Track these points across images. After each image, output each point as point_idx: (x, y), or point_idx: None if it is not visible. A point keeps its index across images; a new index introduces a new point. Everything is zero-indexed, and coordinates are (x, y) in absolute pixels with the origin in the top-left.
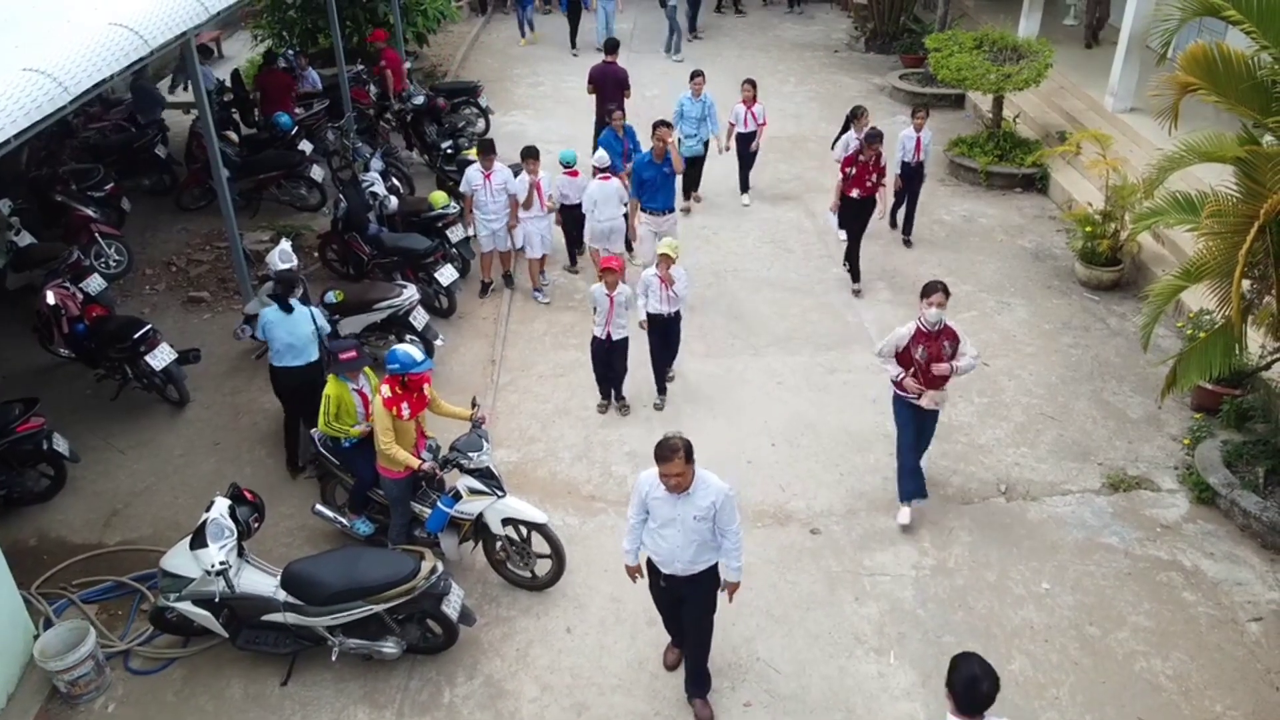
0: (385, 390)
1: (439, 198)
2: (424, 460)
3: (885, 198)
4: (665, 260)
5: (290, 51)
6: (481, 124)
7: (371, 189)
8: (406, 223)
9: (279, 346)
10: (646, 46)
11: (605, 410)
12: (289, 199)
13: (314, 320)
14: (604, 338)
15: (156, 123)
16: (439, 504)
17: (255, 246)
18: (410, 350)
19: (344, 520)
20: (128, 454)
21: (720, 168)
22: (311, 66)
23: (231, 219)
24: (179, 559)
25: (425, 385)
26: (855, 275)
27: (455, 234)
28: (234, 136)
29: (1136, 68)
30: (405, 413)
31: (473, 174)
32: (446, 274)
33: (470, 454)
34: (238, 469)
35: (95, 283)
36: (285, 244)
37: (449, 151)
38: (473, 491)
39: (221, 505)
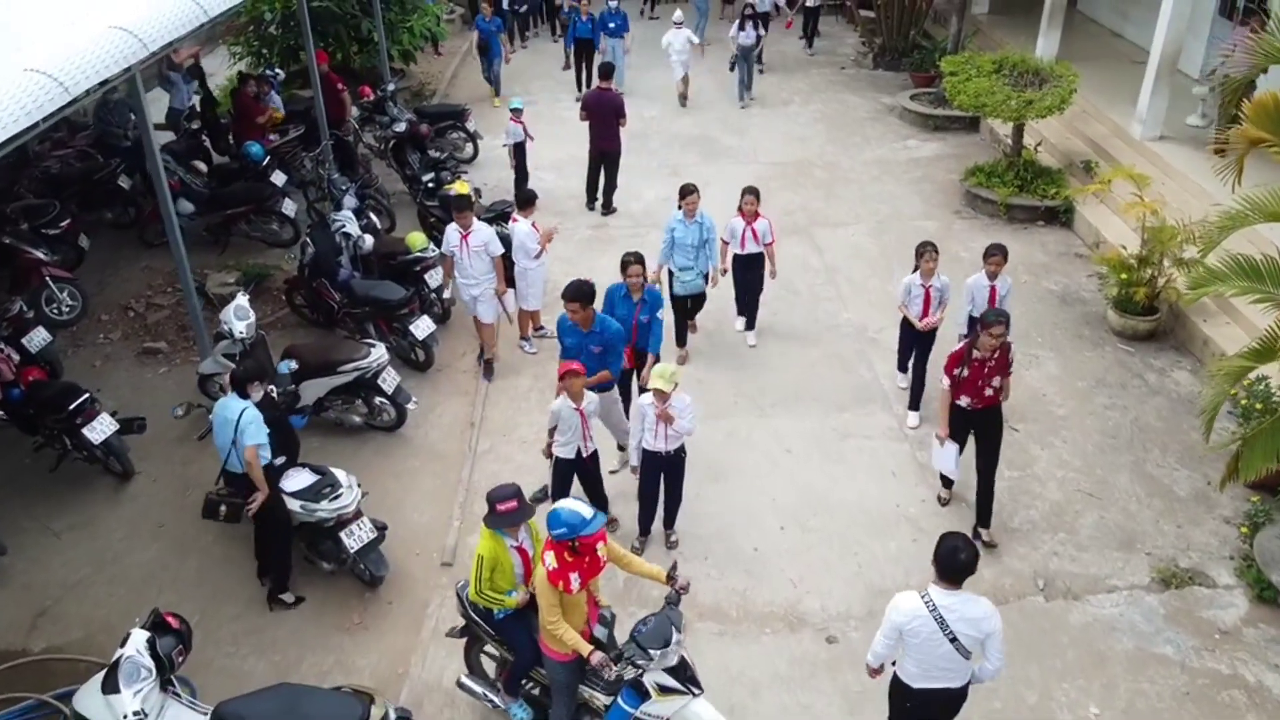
0: (550, 560)
1: (417, 240)
2: (594, 648)
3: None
4: (660, 395)
5: (269, 71)
6: (470, 149)
7: (343, 229)
8: (383, 265)
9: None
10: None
11: None
12: (260, 235)
13: (237, 423)
14: (572, 456)
15: (124, 150)
16: (620, 701)
17: (220, 290)
18: (576, 508)
19: (495, 699)
20: (63, 538)
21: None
22: (275, 90)
23: (184, 265)
24: (91, 700)
25: (599, 545)
26: (985, 519)
27: (434, 279)
28: (202, 166)
29: (1167, 94)
30: (575, 585)
31: (450, 233)
32: (422, 326)
33: (654, 650)
34: (181, 559)
35: (38, 338)
36: (242, 299)
37: (429, 185)
38: (663, 690)
39: (138, 639)
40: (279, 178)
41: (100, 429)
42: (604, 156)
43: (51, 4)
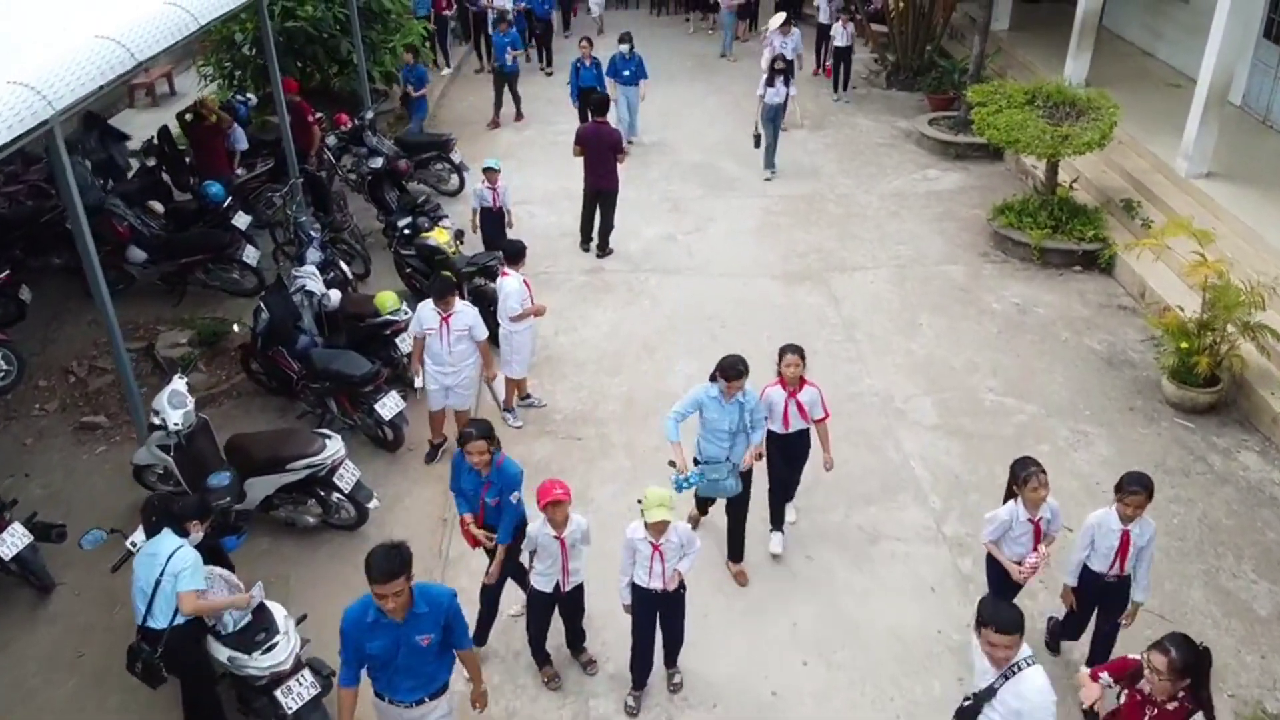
0: None
1: (386, 300)
2: None
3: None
4: (657, 528)
5: (238, 96)
6: (454, 181)
7: (305, 287)
8: (351, 325)
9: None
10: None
11: (557, 686)
12: (219, 283)
13: (166, 565)
14: (550, 590)
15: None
16: None
17: (170, 352)
18: None
19: None
20: None
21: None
22: (243, 118)
23: (115, 330)
24: None
25: None
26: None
27: (406, 344)
28: (158, 207)
29: (1215, 127)
30: None
31: (424, 314)
32: (389, 404)
33: None
34: (100, 698)
35: None
36: (179, 382)
37: (406, 232)
38: None
39: None
40: (242, 220)
41: (11, 543)
42: (600, 195)
43: (34, 14)
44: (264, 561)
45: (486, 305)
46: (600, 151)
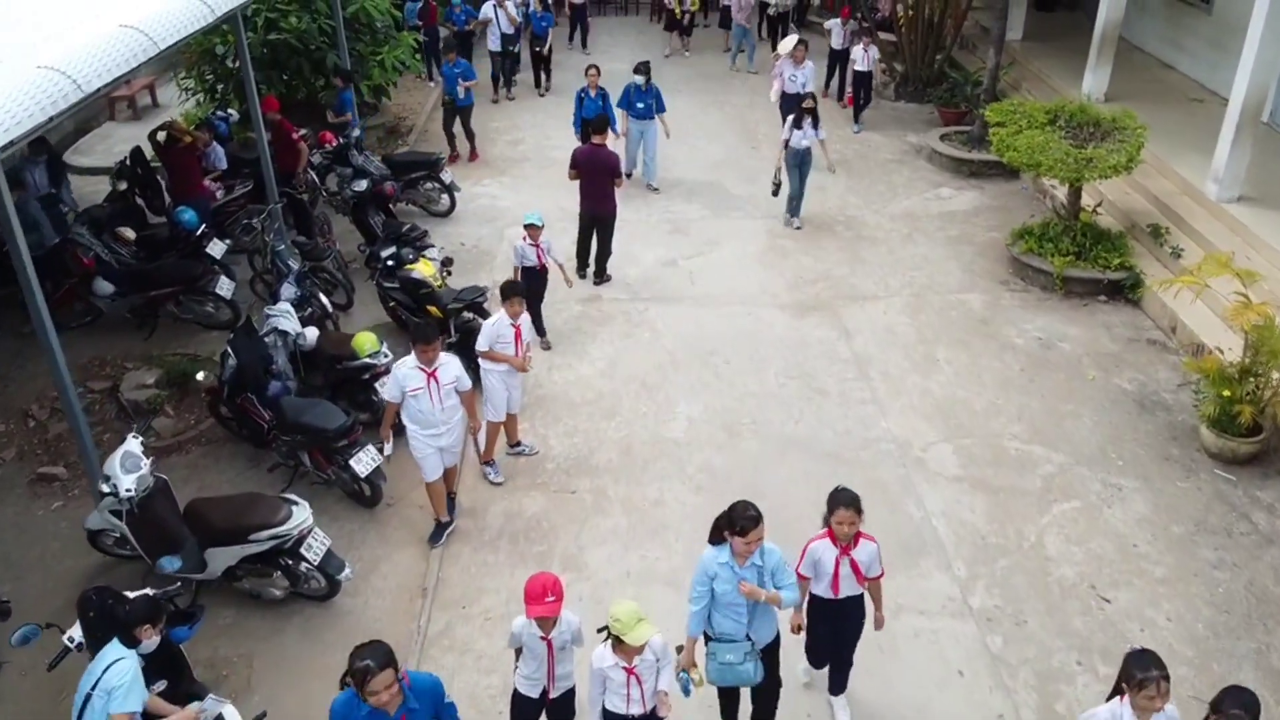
0: None
1: (365, 342)
2: None
3: None
4: (630, 651)
5: (220, 112)
6: (445, 202)
7: (278, 327)
8: (328, 368)
9: None
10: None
11: None
12: (192, 316)
13: (100, 677)
14: (536, 695)
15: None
16: None
17: (136, 394)
18: None
19: None
20: None
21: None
22: (224, 134)
23: (63, 378)
24: None
25: None
26: None
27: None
28: (128, 234)
29: (1249, 148)
30: None
31: (405, 373)
32: (365, 460)
33: None
34: None
35: None
36: (133, 443)
37: (389, 264)
38: None
39: None
40: (217, 247)
41: None
42: (597, 221)
43: (57, 3)
44: (226, 638)
45: (472, 340)
46: (597, 175)
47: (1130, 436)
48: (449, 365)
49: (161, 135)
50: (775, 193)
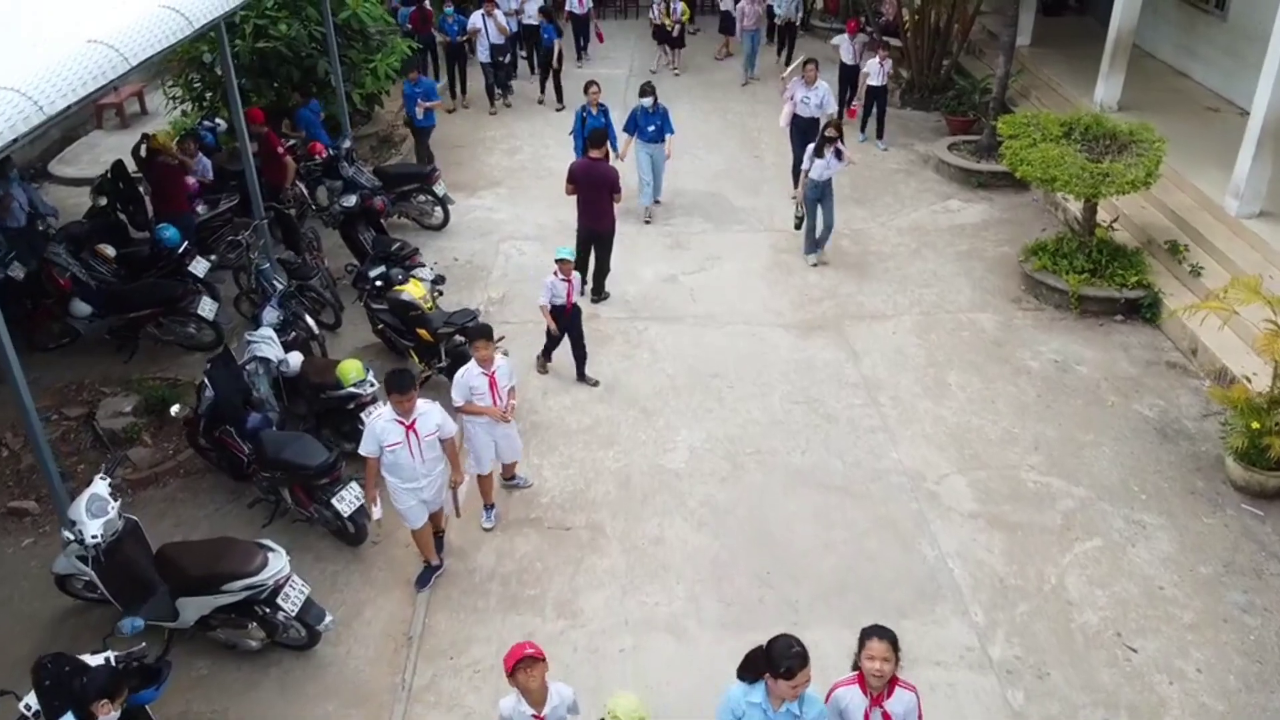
0: None
1: (349, 371)
2: None
3: None
4: None
5: (206, 122)
6: (438, 214)
7: (259, 355)
8: (311, 397)
9: None
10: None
11: None
12: (173, 338)
13: None
14: None
15: (15, 232)
16: None
17: (112, 423)
18: None
19: None
20: None
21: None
22: (210, 144)
23: (28, 409)
24: None
25: None
26: None
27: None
28: (109, 251)
29: (1270, 162)
30: None
31: (382, 426)
32: (348, 499)
33: None
34: None
35: None
36: (100, 485)
37: (378, 285)
38: None
39: None
40: (200, 266)
41: None
42: (595, 237)
43: (22, 16)
44: (199, 692)
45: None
46: (595, 190)
47: (1153, 468)
48: (429, 414)
49: (143, 150)
50: (798, 227)
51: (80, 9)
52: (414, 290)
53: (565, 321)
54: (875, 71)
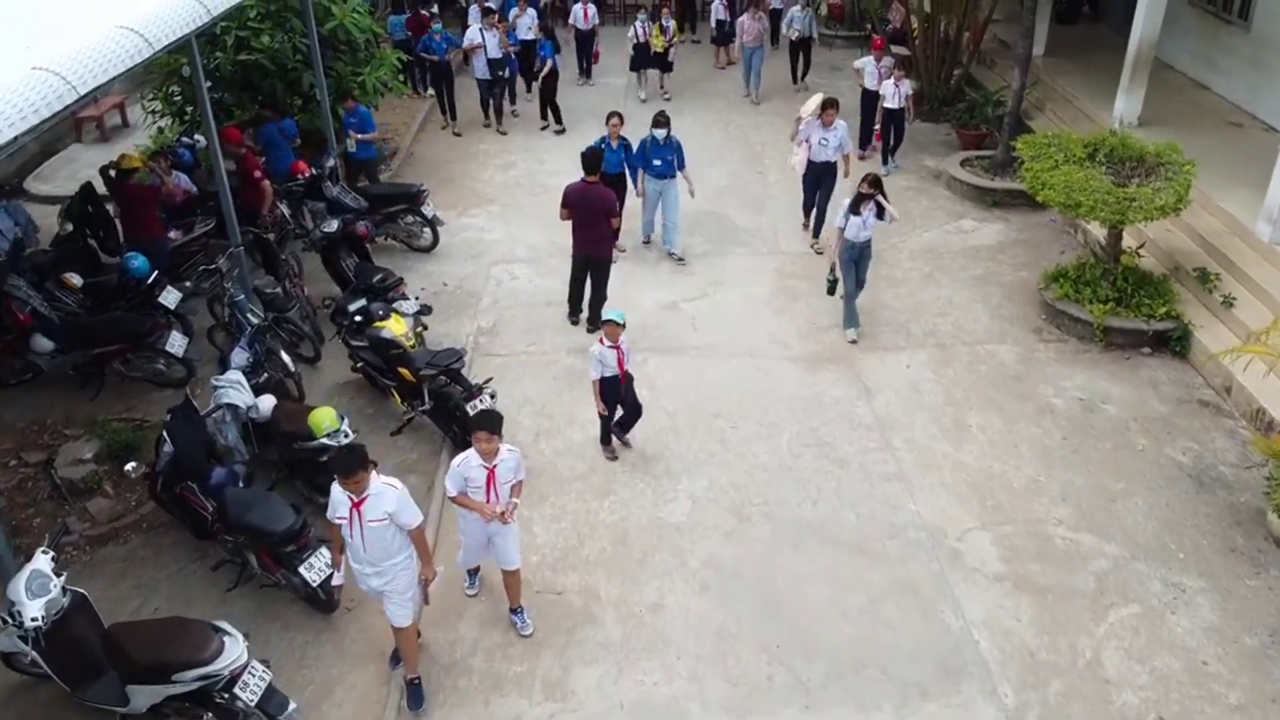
0: None
1: (322, 420)
2: None
3: None
4: None
5: (184, 139)
6: (427, 236)
7: (226, 401)
8: (283, 445)
9: None
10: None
11: None
12: (141, 374)
13: None
14: None
15: None
16: None
17: (71, 471)
18: None
19: None
20: None
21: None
22: (188, 161)
23: None
24: None
25: None
26: None
27: None
28: (75, 281)
29: None
30: None
31: (336, 496)
32: (318, 566)
33: None
34: None
35: None
36: (42, 560)
37: (357, 320)
38: None
39: None
40: (170, 297)
41: None
42: (590, 263)
43: (53, 3)
44: None
45: (452, 410)
46: (591, 215)
47: (1190, 521)
48: (380, 497)
49: (113, 171)
50: (831, 291)
51: None
52: (395, 327)
53: (619, 393)
54: (891, 94)
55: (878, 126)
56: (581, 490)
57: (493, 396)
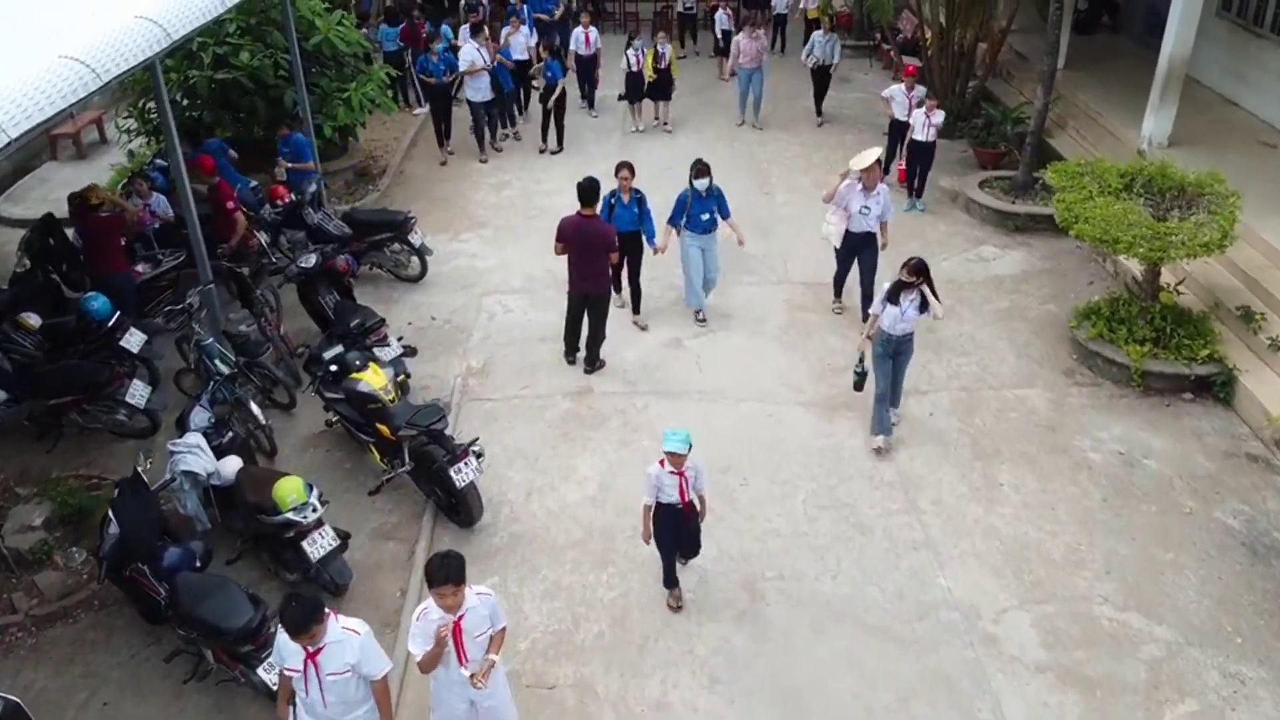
0: None
1: (288, 492)
2: None
3: None
4: None
5: (159, 160)
6: (415, 265)
7: (183, 470)
8: (249, 516)
9: None
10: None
11: None
12: (100, 425)
13: None
14: None
15: None
16: None
17: (19, 539)
18: None
19: None
20: None
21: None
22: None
23: None
24: None
25: None
26: None
27: (316, 549)
28: (33, 322)
29: None
30: None
31: (283, 643)
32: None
33: None
34: None
35: None
36: None
37: (333, 370)
38: None
39: None
40: (134, 340)
41: None
42: (588, 300)
43: None
44: None
45: (432, 468)
46: (589, 251)
47: (1245, 598)
48: (341, 645)
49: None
50: (858, 387)
51: None
52: (373, 380)
53: (677, 526)
54: (921, 124)
55: (901, 163)
56: (577, 560)
57: (479, 457)
